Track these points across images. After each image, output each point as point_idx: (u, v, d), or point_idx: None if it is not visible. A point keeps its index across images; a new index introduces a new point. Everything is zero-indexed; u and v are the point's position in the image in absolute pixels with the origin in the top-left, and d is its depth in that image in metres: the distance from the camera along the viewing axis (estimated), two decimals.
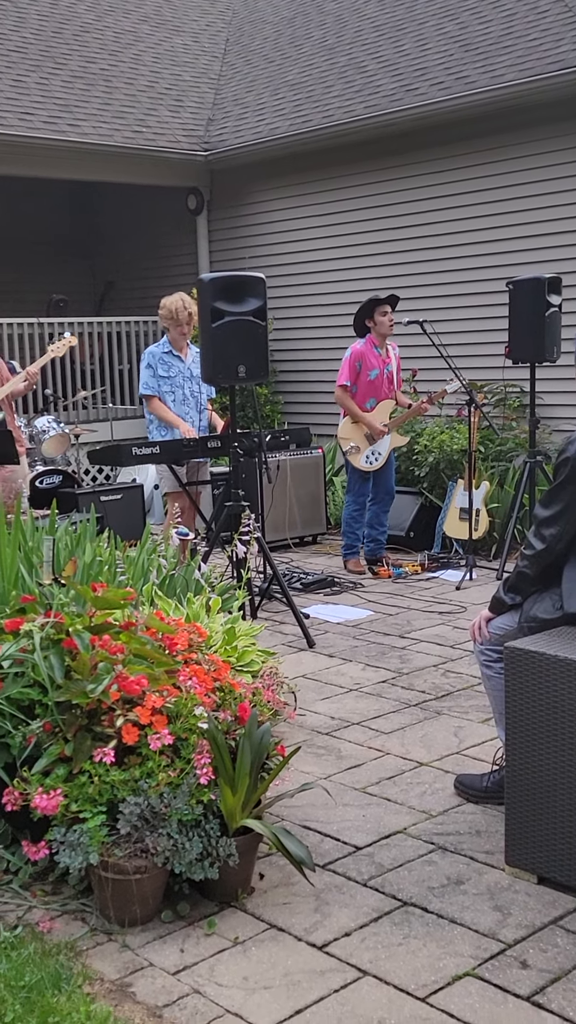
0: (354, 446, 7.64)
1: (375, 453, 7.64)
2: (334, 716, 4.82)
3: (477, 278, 9.13)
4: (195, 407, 7.07)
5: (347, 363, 7.60)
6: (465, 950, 2.91)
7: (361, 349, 7.59)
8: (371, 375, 7.58)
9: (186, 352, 7.03)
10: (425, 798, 3.91)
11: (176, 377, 6.97)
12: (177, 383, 6.98)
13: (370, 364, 7.57)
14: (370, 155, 9.82)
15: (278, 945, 2.96)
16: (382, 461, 7.65)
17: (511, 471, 8.34)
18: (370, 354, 7.58)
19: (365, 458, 7.64)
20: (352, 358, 7.58)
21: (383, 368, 7.60)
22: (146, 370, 6.97)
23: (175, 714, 3.25)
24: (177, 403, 6.97)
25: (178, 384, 6.98)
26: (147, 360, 6.98)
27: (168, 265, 12.12)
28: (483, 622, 3.77)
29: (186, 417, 6.99)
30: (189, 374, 7.01)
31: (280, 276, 10.63)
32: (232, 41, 13.50)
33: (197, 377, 7.03)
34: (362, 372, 7.57)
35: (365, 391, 7.62)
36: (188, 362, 7.01)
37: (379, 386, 7.63)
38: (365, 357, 7.57)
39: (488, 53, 9.15)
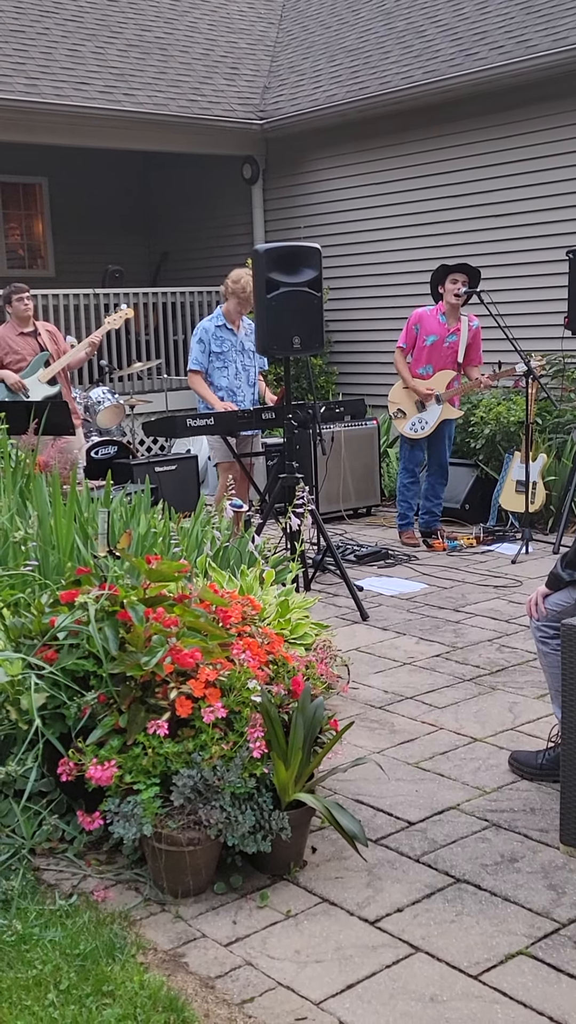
0: (400, 410, 7.56)
1: (422, 421, 7.55)
2: (387, 690, 4.80)
3: (537, 247, 8.96)
4: (246, 380, 7.04)
5: (406, 326, 7.53)
6: (518, 928, 2.89)
7: (421, 313, 7.50)
8: (427, 340, 7.47)
9: (239, 325, 6.99)
10: (479, 774, 3.88)
11: (228, 352, 6.94)
12: (230, 357, 6.95)
13: (428, 329, 7.46)
14: (428, 122, 9.66)
15: (330, 919, 2.96)
16: (429, 430, 7.54)
17: (568, 443, 8.21)
18: (431, 319, 7.47)
19: (411, 425, 7.55)
20: (411, 321, 7.50)
21: (444, 336, 7.47)
22: (197, 345, 6.94)
23: (228, 687, 3.26)
24: (230, 377, 6.95)
25: (231, 359, 6.95)
26: (199, 335, 6.94)
27: (223, 235, 12.07)
28: (540, 598, 3.72)
29: (238, 391, 6.97)
30: (241, 347, 6.98)
31: (336, 246, 10.53)
32: (288, 7, 13.34)
33: (249, 350, 7.00)
34: (419, 336, 7.48)
35: (420, 356, 7.53)
36: (240, 336, 6.98)
37: (437, 353, 7.51)
38: (424, 321, 7.46)
39: (550, 15, 8.93)
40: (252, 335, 7.05)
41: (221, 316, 6.98)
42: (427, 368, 7.54)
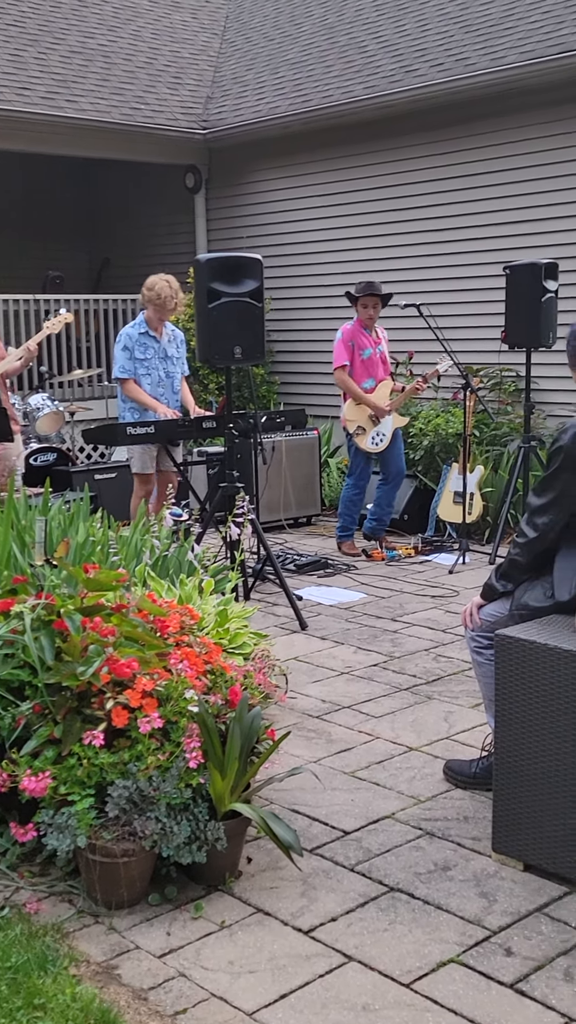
0: (360, 427, 7.63)
1: (380, 434, 7.62)
2: (325, 699, 4.83)
3: (475, 262, 9.09)
4: (170, 388, 7.03)
5: (341, 344, 7.58)
6: (450, 936, 2.93)
7: (352, 329, 7.60)
8: (364, 355, 7.57)
9: (161, 332, 6.97)
10: (414, 783, 3.92)
11: (151, 359, 6.92)
12: (152, 364, 6.93)
13: (362, 344, 7.58)
14: (369, 136, 9.75)
15: (264, 929, 2.97)
16: (387, 442, 7.63)
17: (505, 456, 8.33)
18: (360, 334, 7.59)
19: (371, 439, 7.62)
20: (345, 338, 7.57)
21: (374, 347, 7.62)
22: (122, 352, 6.90)
23: (165, 697, 3.25)
24: (152, 385, 6.93)
25: (153, 366, 6.94)
26: (123, 342, 6.90)
27: (166, 243, 12.06)
28: (474, 608, 3.77)
29: (161, 398, 6.98)
30: (163, 354, 6.97)
31: (278, 256, 10.58)
32: (232, 18, 13.38)
33: (171, 357, 7.01)
34: (355, 352, 7.57)
35: (360, 371, 7.62)
36: (163, 342, 6.97)
37: (373, 366, 7.63)
38: (356, 337, 7.57)
39: (489, 35, 9.08)
40: (175, 342, 7.06)
41: (144, 323, 6.96)
42: (369, 382, 7.63)
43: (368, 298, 7.51)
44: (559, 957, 2.82)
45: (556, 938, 2.91)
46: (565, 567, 3.48)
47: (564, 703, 3.11)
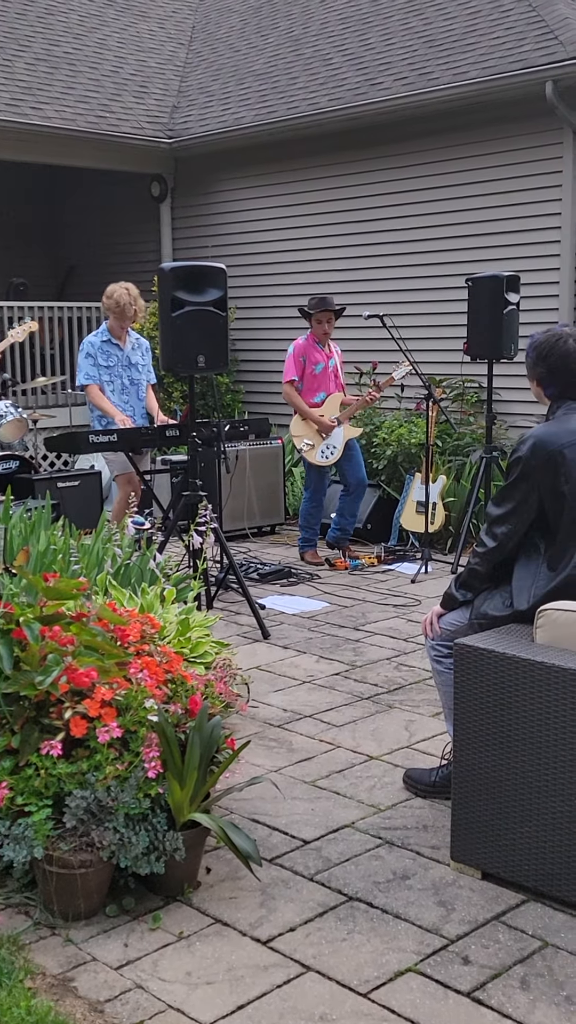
0: (308, 442, 7.66)
1: (330, 447, 7.65)
2: (286, 708, 4.83)
3: (437, 274, 9.16)
4: (135, 395, 7.05)
5: (292, 359, 7.64)
6: (408, 945, 2.93)
7: (303, 344, 7.65)
8: (316, 369, 7.63)
9: (125, 340, 7.00)
10: (374, 792, 3.93)
11: (115, 366, 6.96)
12: (116, 372, 6.96)
13: (314, 358, 7.63)
14: (334, 147, 9.81)
15: (222, 940, 2.96)
16: (338, 454, 7.65)
17: (468, 466, 8.39)
18: (312, 349, 7.63)
19: (320, 453, 7.65)
20: (296, 354, 7.63)
21: (327, 361, 7.66)
22: (85, 360, 6.94)
23: (125, 707, 3.24)
24: (116, 392, 6.96)
25: (117, 373, 6.97)
26: (86, 349, 6.95)
27: (131, 252, 12.04)
28: (435, 617, 3.79)
29: (125, 406, 6.98)
30: (128, 362, 7.00)
31: (243, 266, 10.60)
32: (198, 28, 13.41)
33: (136, 364, 7.04)
34: (307, 367, 7.62)
35: (312, 385, 7.67)
36: (127, 350, 6.99)
37: (325, 379, 7.68)
38: (308, 351, 7.62)
39: (452, 50, 9.16)
40: (140, 349, 7.08)
41: (106, 331, 6.99)
42: (321, 395, 7.68)
43: (322, 313, 7.55)
44: (516, 965, 2.83)
45: (513, 946, 2.92)
46: (524, 576, 3.51)
47: (522, 712, 3.13)
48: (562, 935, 2.97)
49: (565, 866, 3.07)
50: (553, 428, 3.52)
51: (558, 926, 3.02)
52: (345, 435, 7.68)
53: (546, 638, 3.24)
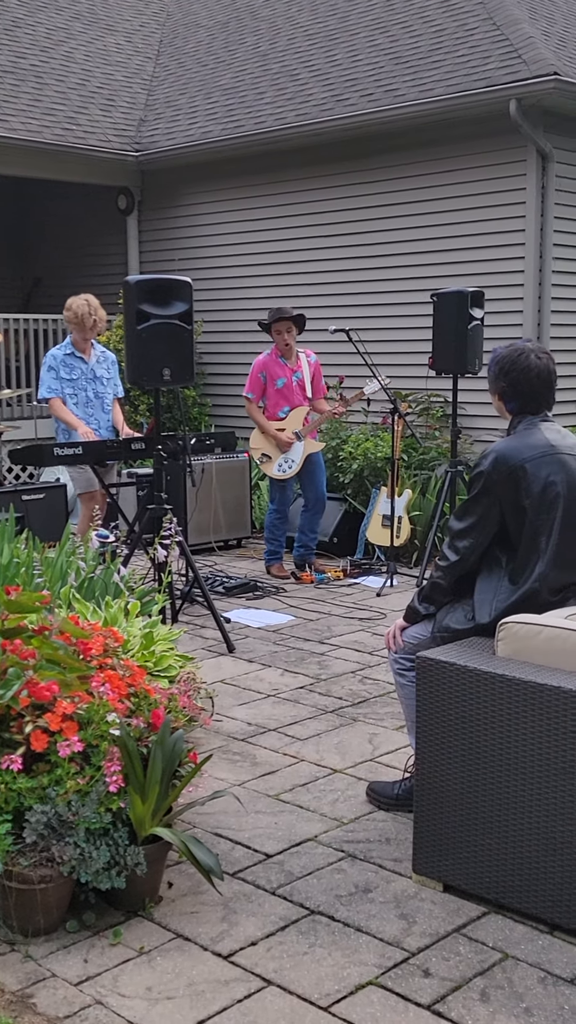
0: (265, 455, 7.69)
1: (288, 461, 7.67)
2: (251, 722, 4.82)
3: (403, 288, 9.22)
4: (100, 408, 7.03)
5: (251, 376, 7.68)
6: (369, 959, 2.93)
7: (263, 360, 7.68)
8: (278, 384, 7.65)
9: (89, 353, 7.00)
10: (337, 805, 3.93)
11: (79, 379, 6.94)
12: (80, 385, 6.95)
13: (274, 374, 7.64)
14: (301, 162, 9.86)
15: (183, 955, 2.95)
16: (296, 468, 7.67)
17: (433, 480, 8.43)
18: (273, 364, 7.65)
19: (278, 467, 7.68)
20: (255, 370, 7.68)
21: (290, 376, 7.67)
22: (48, 373, 6.93)
23: (87, 720, 3.22)
24: (80, 405, 6.94)
25: (81, 386, 6.95)
26: (48, 363, 6.95)
27: (98, 264, 12.03)
28: (398, 631, 3.80)
29: (90, 419, 6.97)
30: (92, 375, 6.99)
31: (210, 279, 10.62)
32: (166, 43, 13.45)
33: (101, 377, 7.03)
34: (268, 382, 7.65)
35: (275, 400, 7.69)
36: (91, 363, 6.98)
37: (289, 394, 7.69)
38: (268, 367, 7.65)
39: (418, 67, 9.25)
40: (105, 363, 7.07)
41: (70, 344, 6.98)
42: (284, 410, 7.70)
43: (280, 323, 7.57)
44: (476, 978, 2.84)
45: (474, 959, 2.93)
46: (486, 590, 3.54)
47: (483, 724, 3.15)
48: (522, 947, 2.98)
49: (525, 878, 3.08)
50: (515, 443, 3.55)
51: (518, 938, 3.03)
52: (305, 449, 7.70)
53: (507, 651, 3.27)
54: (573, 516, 3.49)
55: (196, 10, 14.06)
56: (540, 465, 3.47)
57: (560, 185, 8.49)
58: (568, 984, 2.81)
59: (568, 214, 8.63)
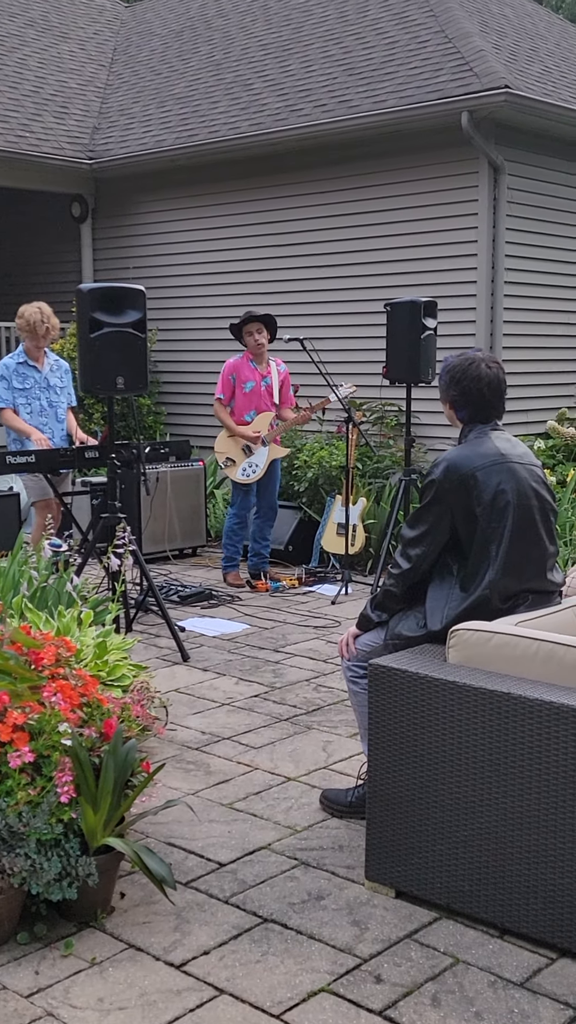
0: (229, 459, 7.68)
1: (252, 465, 7.68)
2: (205, 731, 4.82)
3: (357, 298, 9.28)
4: (54, 417, 6.97)
5: (221, 377, 7.67)
6: (322, 966, 2.94)
7: (234, 363, 7.67)
8: (246, 387, 7.64)
9: (42, 361, 6.92)
10: (291, 813, 3.94)
11: (32, 388, 6.85)
12: (33, 394, 6.86)
13: (244, 377, 7.64)
14: (255, 172, 9.89)
15: (136, 965, 2.94)
16: (259, 473, 7.68)
17: (387, 488, 8.48)
18: (244, 367, 7.65)
19: (241, 471, 7.67)
20: (225, 372, 7.66)
21: (259, 380, 7.67)
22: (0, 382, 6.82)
23: (38, 731, 3.20)
24: (34, 414, 6.86)
25: (34, 395, 6.87)
26: (0, 372, 6.83)
27: (51, 272, 11.97)
28: (351, 638, 3.82)
29: (44, 427, 6.91)
30: (46, 384, 6.91)
31: (165, 287, 10.61)
32: (120, 51, 13.43)
33: (55, 386, 6.96)
34: (236, 385, 7.64)
35: (242, 403, 7.68)
36: (45, 371, 6.91)
37: (257, 398, 7.69)
38: (239, 370, 7.64)
39: (371, 78, 9.32)
40: (59, 371, 7.00)
41: (23, 353, 6.89)
42: (251, 414, 7.69)
43: (251, 324, 7.58)
44: (427, 983, 2.86)
45: (425, 964, 2.95)
46: (437, 597, 3.56)
47: (434, 731, 3.18)
48: (473, 951, 3.01)
49: (476, 883, 3.11)
50: (466, 451, 3.59)
51: (469, 943, 3.05)
52: (270, 455, 7.71)
53: (458, 658, 3.30)
54: (523, 524, 3.53)
55: (150, 19, 14.07)
56: (491, 473, 3.51)
57: (512, 197, 8.61)
58: (518, 988, 2.84)
59: (520, 225, 8.74)
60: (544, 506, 3.61)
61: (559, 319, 9.28)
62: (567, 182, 9.20)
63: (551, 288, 9.15)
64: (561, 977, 2.88)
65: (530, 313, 8.96)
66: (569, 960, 2.96)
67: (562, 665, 3.09)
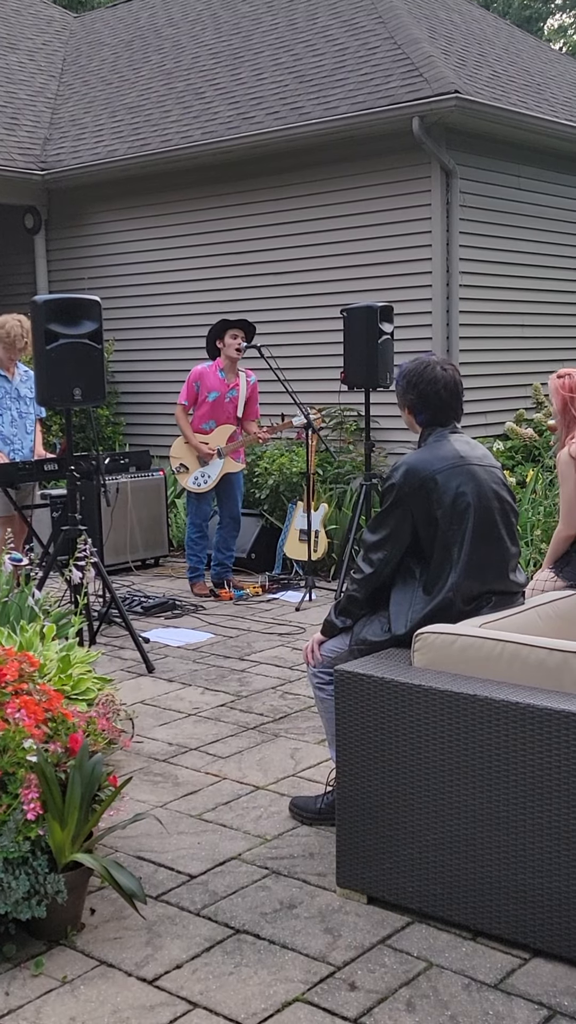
0: (183, 465, 7.65)
1: (204, 475, 7.65)
2: (172, 742, 4.79)
3: (313, 304, 9.29)
4: (24, 428, 6.91)
5: (186, 383, 7.62)
6: (296, 975, 2.93)
7: (201, 370, 7.60)
8: (209, 397, 7.59)
9: (13, 372, 6.87)
10: (260, 822, 3.92)
11: (3, 399, 6.81)
12: (4, 405, 6.81)
13: (209, 385, 7.58)
14: (208, 180, 9.89)
15: (108, 982, 2.91)
16: (211, 484, 7.64)
17: (348, 493, 8.50)
18: (211, 376, 7.59)
19: (193, 479, 7.65)
20: (191, 378, 7.60)
21: (225, 391, 7.61)
22: None
23: (2, 748, 3.17)
24: (5, 425, 6.81)
25: (5, 406, 6.82)
26: None
27: (5, 284, 11.87)
28: (315, 645, 3.81)
29: (15, 439, 6.85)
30: (17, 394, 6.86)
31: (121, 298, 10.57)
32: (69, 61, 13.38)
33: (24, 397, 6.90)
34: (200, 393, 7.59)
35: (203, 412, 7.64)
36: (16, 382, 6.86)
37: (219, 409, 7.64)
38: (204, 378, 7.58)
39: (322, 85, 9.35)
40: (29, 382, 6.95)
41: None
42: (210, 423, 7.65)
43: (234, 329, 7.52)
44: (401, 988, 2.85)
45: (399, 969, 2.94)
46: (401, 601, 3.57)
47: (401, 735, 3.18)
48: (446, 955, 3.01)
49: (447, 886, 3.11)
50: (425, 455, 3.60)
51: (442, 946, 3.05)
52: (224, 468, 7.68)
53: (424, 661, 3.30)
54: (484, 526, 3.54)
55: (99, 28, 14.02)
56: (450, 476, 3.52)
57: (464, 200, 8.67)
58: (492, 989, 2.84)
59: (473, 228, 8.81)
60: (505, 507, 3.63)
61: (514, 320, 9.35)
62: (518, 185, 9.29)
63: (506, 291, 9.22)
64: (535, 977, 2.89)
65: (485, 316, 9.03)
66: (542, 960, 2.96)
67: (526, 665, 3.10)
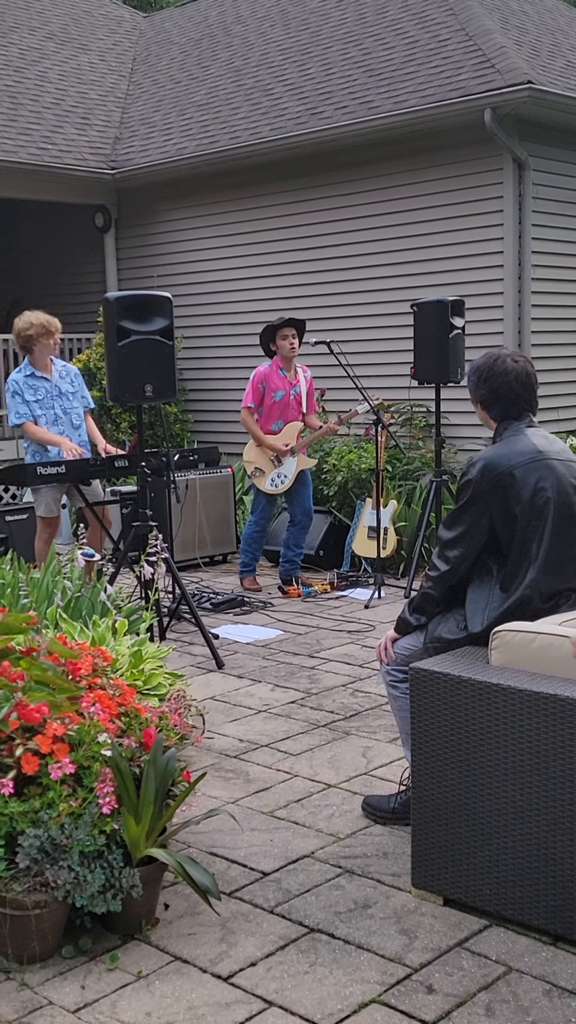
0: (258, 468, 7.64)
1: (281, 476, 7.63)
2: (242, 738, 4.78)
3: (383, 299, 9.22)
4: (69, 424, 6.88)
5: (250, 385, 7.61)
6: (371, 976, 2.89)
7: (264, 371, 7.59)
8: (276, 396, 7.58)
9: (51, 370, 6.82)
10: (333, 821, 3.89)
11: (44, 399, 6.74)
12: (46, 404, 6.75)
13: (274, 385, 7.57)
14: (277, 176, 9.87)
15: (182, 978, 2.90)
16: (288, 483, 7.63)
17: (418, 490, 8.42)
18: (274, 376, 7.58)
19: (270, 481, 7.63)
20: (255, 380, 7.59)
21: (289, 389, 7.60)
22: (13, 398, 6.68)
23: (78, 742, 3.18)
24: (49, 424, 6.77)
25: (47, 406, 6.76)
26: (12, 389, 6.68)
27: (77, 283, 12.00)
28: (389, 642, 3.77)
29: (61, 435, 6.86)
30: (57, 392, 6.80)
31: (190, 295, 10.61)
32: (139, 60, 13.47)
33: (67, 393, 6.84)
34: (266, 393, 7.58)
35: (271, 412, 7.62)
36: (55, 379, 6.82)
37: (286, 407, 7.63)
38: (268, 379, 7.57)
39: (392, 79, 9.28)
40: (68, 377, 6.90)
41: (29, 366, 6.78)
42: (279, 423, 7.64)
43: (286, 328, 7.51)
44: (480, 992, 2.80)
45: (477, 973, 2.89)
46: (477, 599, 3.51)
47: (478, 735, 3.12)
48: (525, 959, 2.95)
49: (526, 889, 3.05)
50: (502, 450, 3.53)
51: (521, 951, 2.99)
52: (298, 465, 7.66)
53: (501, 660, 3.24)
54: (563, 522, 3.47)
55: (168, 28, 14.10)
56: (529, 471, 3.46)
57: (537, 192, 8.53)
58: (573, 996, 2.77)
59: (545, 221, 8.67)
60: None
61: None
62: None
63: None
64: None
65: (559, 310, 8.89)
66: None
67: None
